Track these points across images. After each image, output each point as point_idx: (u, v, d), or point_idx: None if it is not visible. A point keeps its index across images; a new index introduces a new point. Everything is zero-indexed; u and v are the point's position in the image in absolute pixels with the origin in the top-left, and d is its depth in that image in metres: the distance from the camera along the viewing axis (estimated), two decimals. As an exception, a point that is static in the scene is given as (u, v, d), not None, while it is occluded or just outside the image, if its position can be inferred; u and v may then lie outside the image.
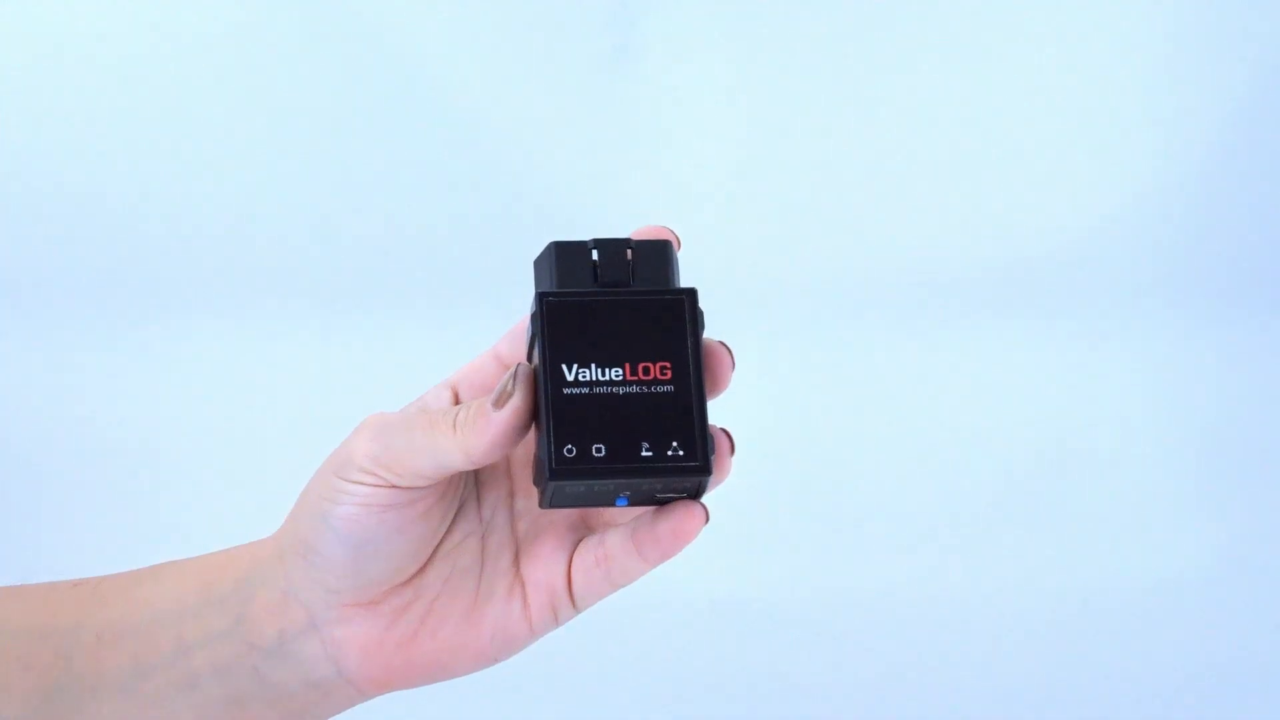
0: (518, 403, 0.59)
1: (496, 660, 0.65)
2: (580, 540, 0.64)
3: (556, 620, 0.64)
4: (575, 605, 0.64)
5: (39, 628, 0.67)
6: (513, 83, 1.51)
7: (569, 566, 0.64)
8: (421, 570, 0.64)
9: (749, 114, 1.53)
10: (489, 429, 0.59)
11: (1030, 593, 1.42)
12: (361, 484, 0.61)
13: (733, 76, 1.52)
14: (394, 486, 0.60)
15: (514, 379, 0.59)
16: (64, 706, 0.66)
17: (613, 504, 0.61)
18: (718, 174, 1.53)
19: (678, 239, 0.64)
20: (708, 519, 0.61)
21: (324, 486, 0.61)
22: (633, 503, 0.62)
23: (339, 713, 0.67)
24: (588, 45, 1.51)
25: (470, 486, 0.65)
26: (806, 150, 1.53)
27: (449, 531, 0.65)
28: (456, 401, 0.64)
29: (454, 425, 0.60)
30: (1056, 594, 1.42)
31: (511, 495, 0.65)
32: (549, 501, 0.61)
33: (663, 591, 0.87)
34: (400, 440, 0.60)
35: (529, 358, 0.63)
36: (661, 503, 0.62)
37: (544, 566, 0.64)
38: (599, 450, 0.59)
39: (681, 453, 0.60)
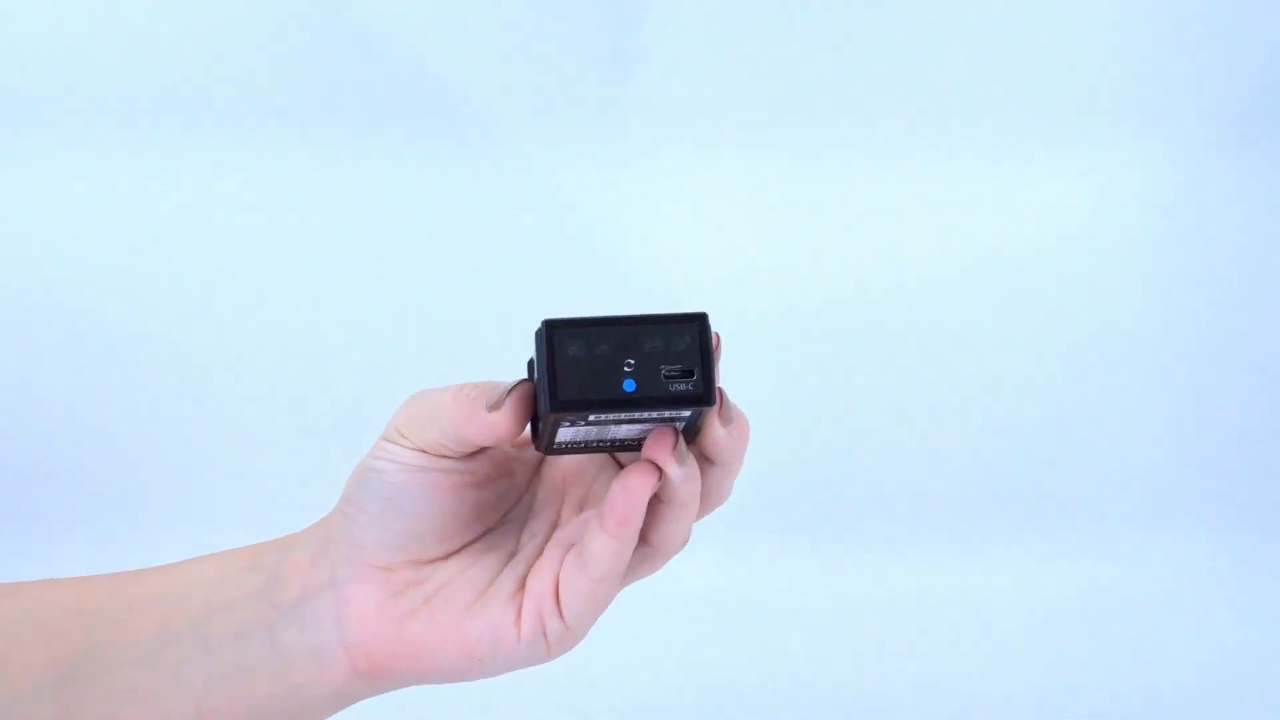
0: (500, 418, 0.63)
1: (481, 664, 0.67)
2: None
3: (545, 634, 0.66)
4: (563, 614, 0.66)
5: (71, 608, 0.71)
6: (511, 83, 1.51)
7: (558, 571, 0.67)
8: (443, 559, 0.68)
9: (747, 116, 1.53)
10: (474, 422, 0.64)
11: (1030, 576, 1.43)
12: (395, 444, 0.66)
13: (731, 79, 1.53)
14: (423, 451, 0.66)
15: (508, 394, 0.64)
16: (81, 681, 0.69)
17: (611, 449, 0.65)
18: (716, 178, 1.53)
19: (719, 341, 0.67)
20: (661, 478, 0.64)
21: (374, 447, 0.67)
22: (629, 436, 0.63)
23: (328, 704, 0.69)
24: (585, 48, 1.51)
25: (522, 516, 0.70)
26: (806, 153, 1.53)
27: (486, 541, 0.69)
28: None
29: (452, 398, 0.64)
30: (1056, 578, 1.43)
31: (554, 526, 0.70)
32: (560, 429, 0.63)
33: (657, 587, 0.87)
34: (417, 408, 0.66)
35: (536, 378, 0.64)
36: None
37: (540, 574, 0.67)
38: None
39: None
